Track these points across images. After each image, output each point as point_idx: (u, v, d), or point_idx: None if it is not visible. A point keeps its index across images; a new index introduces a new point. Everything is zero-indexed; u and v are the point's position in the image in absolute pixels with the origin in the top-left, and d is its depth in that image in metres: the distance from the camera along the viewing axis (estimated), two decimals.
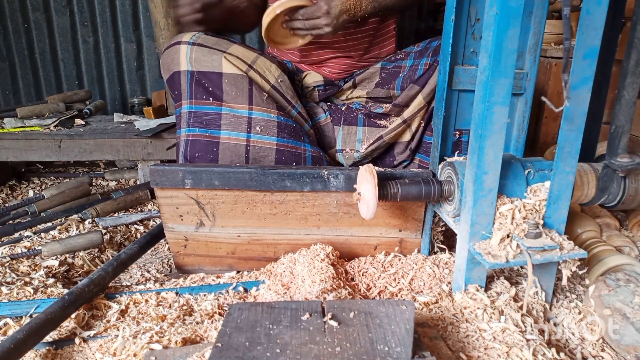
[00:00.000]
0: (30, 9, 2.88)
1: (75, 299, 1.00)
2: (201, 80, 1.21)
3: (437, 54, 1.27)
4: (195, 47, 1.22)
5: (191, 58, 1.22)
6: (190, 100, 1.21)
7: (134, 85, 3.09)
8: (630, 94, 1.02)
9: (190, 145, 1.21)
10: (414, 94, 1.32)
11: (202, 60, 1.22)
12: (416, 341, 0.77)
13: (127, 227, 1.58)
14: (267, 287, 1.11)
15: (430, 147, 1.32)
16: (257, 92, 1.24)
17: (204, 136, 1.21)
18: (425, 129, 1.34)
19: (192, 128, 1.21)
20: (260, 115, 1.23)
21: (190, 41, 1.22)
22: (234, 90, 1.22)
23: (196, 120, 1.21)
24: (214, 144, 1.20)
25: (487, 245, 0.93)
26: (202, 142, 1.20)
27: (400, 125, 1.34)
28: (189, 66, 1.21)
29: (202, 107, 1.21)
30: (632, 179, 1.10)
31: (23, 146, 1.87)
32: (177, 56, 1.22)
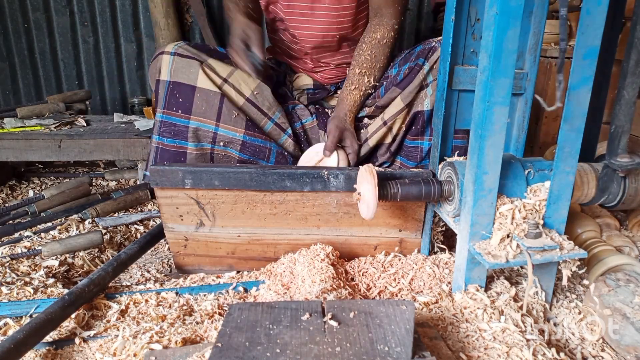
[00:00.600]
0: (30, 9, 2.88)
1: (75, 299, 1.00)
2: (174, 91, 1.26)
3: (419, 57, 1.29)
4: (176, 57, 1.27)
5: (171, 69, 1.27)
6: (163, 109, 1.27)
7: (134, 85, 3.09)
8: (630, 94, 1.02)
9: (160, 153, 1.28)
10: (394, 97, 1.35)
11: (179, 71, 1.27)
12: (416, 341, 0.77)
13: (127, 227, 1.58)
14: (267, 287, 1.11)
15: (411, 150, 1.35)
16: (227, 110, 1.29)
17: (173, 146, 1.28)
18: (407, 133, 1.37)
19: (162, 137, 1.27)
20: (225, 132, 1.29)
21: (172, 51, 1.28)
22: (204, 105, 1.27)
23: (165, 130, 1.27)
24: (182, 154, 1.28)
25: (487, 245, 0.93)
26: (171, 152, 1.28)
27: (381, 126, 1.37)
28: (168, 76, 1.27)
29: (171, 118, 1.27)
30: (632, 179, 1.09)
31: (23, 146, 1.87)
32: (159, 65, 1.28)
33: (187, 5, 2.92)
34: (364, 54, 1.39)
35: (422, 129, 1.32)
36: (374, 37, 1.39)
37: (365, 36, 1.41)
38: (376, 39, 1.39)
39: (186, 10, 2.94)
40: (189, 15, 2.95)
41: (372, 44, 1.39)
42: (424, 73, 1.27)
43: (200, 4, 2.84)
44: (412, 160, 1.36)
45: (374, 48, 1.39)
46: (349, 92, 1.39)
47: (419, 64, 1.28)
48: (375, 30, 1.40)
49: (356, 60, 1.40)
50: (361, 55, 1.40)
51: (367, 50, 1.39)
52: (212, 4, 2.96)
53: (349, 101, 1.39)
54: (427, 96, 1.29)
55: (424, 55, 1.28)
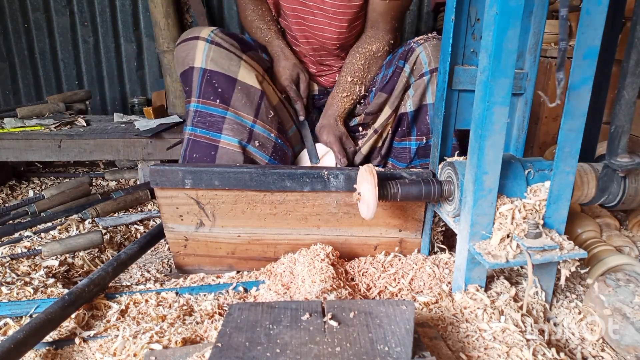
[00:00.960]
0: (30, 9, 2.88)
1: (75, 299, 1.00)
2: (212, 80, 1.20)
3: (399, 59, 1.29)
4: (213, 46, 1.21)
5: (208, 56, 1.20)
6: (198, 98, 1.21)
7: (134, 85, 3.09)
8: (630, 94, 1.02)
9: (191, 145, 1.21)
10: (382, 102, 1.36)
11: (219, 61, 1.20)
12: (416, 341, 0.77)
13: (127, 227, 1.58)
14: (267, 287, 1.11)
15: (400, 152, 1.36)
16: (265, 108, 1.25)
17: (205, 138, 1.21)
18: (394, 135, 1.38)
19: (195, 127, 1.21)
20: (261, 130, 1.25)
21: (209, 38, 1.21)
22: (244, 99, 1.22)
23: (200, 120, 1.21)
24: (213, 147, 1.21)
25: (487, 245, 0.93)
26: (202, 144, 1.21)
27: (372, 135, 1.39)
28: (203, 63, 1.20)
29: (208, 108, 1.21)
30: (632, 179, 1.10)
31: (23, 146, 1.87)
32: (193, 51, 1.21)
33: (187, 5, 2.92)
34: (357, 63, 1.40)
35: (408, 130, 1.32)
36: (369, 49, 1.39)
37: (360, 46, 1.41)
38: (371, 51, 1.39)
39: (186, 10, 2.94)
40: (189, 15, 2.95)
41: (366, 55, 1.39)
42: (406, 75, 1.27)
43: (200, 4, 2.84)
44: (402, 161, 1.36)
45: (367, 59, 1.39)
46: (340, 99, 1.40)
47: (399, 66, 1.29)
48: (370, 43, 1.40)
49: (348, 68, 1.41)
50: (354, 65, 1.40)
51: (360, 60, 1.39)
52: (212, 4, 2.96)
53: (339, 107, 1.40)
54: (409, 97, 1.29)
55: (404, 57, 1.28)
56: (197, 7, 2.84)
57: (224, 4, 2.97)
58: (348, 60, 1.42)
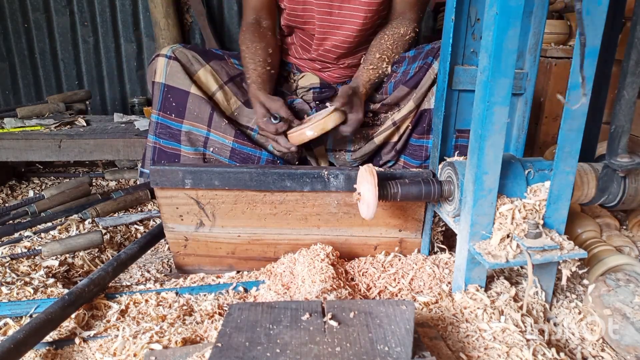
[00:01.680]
0: (30, 9, 2.88)
1: (75, 299, 1.00)
2: (168, 95, 1.31)
3: (428, 56, 1.29)
4: (171, 61, 1.32)
5: (166, 72, 1.31)
6: (159, 111, 1.32)
7: (134, 85, 3.09)
8: (630, 94, 1.02)
9: (158, 153, 1.33)
10: (402, 95, 1.35)
11: (174, 76, 1.31)
12: (416, 341, 0.77)
13: (127, 227, 1.58)
14: (267, 287, 1.11)
15: (416, 149, 1.34)
16: (218, 117, 1.32)
17: (169, 147, 1.32)
18: (412, 131, 1.36)
19: (158, 137, 1.32)
20: (216, 138, 1.33)
21: (167, 54, 1.32)
22: (196, 110, 1.31)
23: (161, 131, 1.32)
24: (176, 155, 1.32)
25: (487, 245, 0.93)
26: (167, 153, 1.32)
27: (390, 127, 1.37)
28: (163, 79, 1.31)
29: (166, 121, 1.32)
30: (632, 179, 1.09)
31: (23, 146, 1.87)
32: (155, 67, 1.32)
33: (187, 5, 2.92)
34: (386, 43, 1.42)
35: (428, 128, 1.31)
36: (397, 31, 1.42)
37: (387, 30, 1.43)
38: (399, 33, 1.42)
39: (186, 10, 2.94)
40: (189, 15, 2.95)
41: (395, 37, 1.42)
42: (435, 72, 1.27)
43: (200, 4, 2.84)
44: (416, 159, 1.35)
45: (396, 40, 1.42)
46: (366, 70, 1.41)
47: (427, 62, 1.28)
48: (398, 27, 1.43)
49: (377, 47, 1.42)
50: (382, 44, 1.42)
51: (389, 40, 1.42)
52: (212, 4, 2.96)
53: (365, 77, 1.40)
54: (433, 94, 1.29)
55: (434, 55, 1.28)
56: (197, 7, 2.84)
57: (224, 4, 2.97)
58: (375, 41, 1.44)
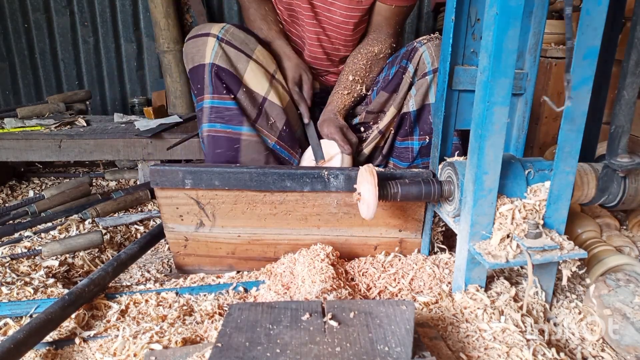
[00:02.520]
0: (30, 9, 2.88)
1: (75, 299, 1.00)
2: (221, 76, 1.19)
3: (403, 59, 1.29)
4: (223, 44, 1.20)
5: (217, 54, 1.20)
6: (212, 94, 1.20)
7: (134, 85, 3.09)
8: (630, 94, 1.02)
9: (212, 142, 1.19)
10: (384, 101, 1.36)
11: (227, 59, 1.21)
12: (416, 341, 0.77)
13: (127, 227, 1.58)
14: (267, 287, 1.11)
15: (402, 151, 1.36)
16: (265, 114, 1.27)
17: (226, 132, 1.19)
18: (396, 135, 1.37)
19: (213, 123, 1.20)
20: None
21: (219, 35, 1.20)
22: (246, 102, 1.25)
23: (218, 115, 1.19)
24: (236, 141, 1.19)
25: (487, 245, 0.93)
26: (223, 138, 1.19)
27: (377, 136, 1.39)
28: (212, 59, 1.19)
29: (224, 102, 1.19)
30: (632, 179, 1.09)
31: (23, 146, 1.87)
32: (203, 48, 1.20)
33: (187, 5, 2.92)
34: (359, 62, 1.40)
35: (410, 130, 1.32)
36: (371, 50, 1.40)
37: (362, 48, 1.42)
38: (373, 52, 1.40)
39: (186, 10, 2.95)
40: (189, 15, 2.95)
41: (368, 56, 1.40)
42: (410, 75, 1.27)
43: (200, 4, 2.84)
44: (404, 160, 1.36)
45: (369, 60, 1.40)
46: (340, 95, 1.40)
47: (402, 65, 1.29)
48: (372, 44, 1.40)
49: (350, 67, 1.41)
50: (356, 64, 1.40)
51: (362, 60, 1.40)
52: (212, 4, 2.96)
53: (339, 103, 1.40)
54: (412, 97, 1.29)
55: (407, 57, 1.28)
56: (197, 7, 2.85)
57: (224, 4, 2.97)
58: (350, 60, 1.42)
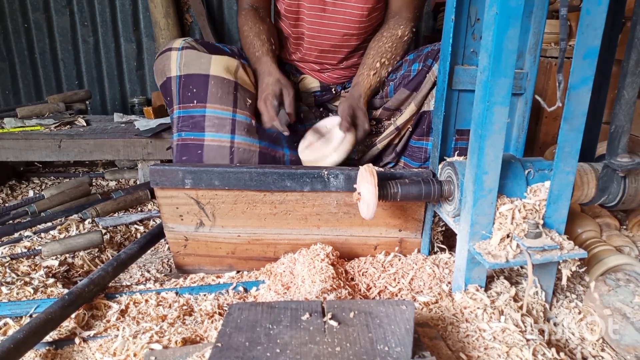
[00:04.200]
0: (30, 9, 2.88)
1: (75, 299, 1.00)
2: (187, 84, 1.23)
3: (428, 58, 1.28)
4: (184, 51, 1.24)
5: (180, 63, 1.24)
6: (179, 105, 1.24)
7: (134, 85, 3.09)
8: (630, 94, 1.02)
9: (180, 149, 1.22)
10: (404, 98, 1.34)
11: (190, 63, 1.23)
12: (416, 341, 0.77)
13: (127, 227, 1.58)
14: (267, 287, 1.11)
15: (415, 151, 1.35)
16: (241, 97, 1.26)
17: (191, 139, 1.22)
18: (412, 133, 1.36)
19: (180, 132, 1.23)
20: (243, 118, 1.25)
21: (180, 47, 1.25)
22: (219, 92, 1.23)
23: (184, 124, 1.23)
24: (199, 147, 1.21)
25: (487, 245, 0.93)
26: (189, 145, 1.22)
27: (393, 132, 1.37)
28: (177, 71, 1.24)
29: (188, 111, 1.23)
30: (632, 178, 1.10)
31: (23, 146, 1.87)
32: (167, 62, 1.25)
33: (187, 5, 2.92)
34: (385, 45, 1.39)
35: (427, 130, 1.31)
36: (395, 32, 1.39)
37: (385, 31, 1.41)
38: (397, 34, 1.39)
39: (186, 10, 2.95)
40: (189, 15, 2.95)
41: (393, 38, 1.39)
42: (435, 75, 1.26)
43: (200, 4, 2.84)
44: (416, 160, 1.35)
45: (394, 42, 1.39)
46: (367, 76, 1.38)
47: (427, 64, 1.27)
48: (395, 28, 1.40)
49: (376, 50, 1.40)
50: (381, 47, 1.39)
51: (387, 43, 1.39)
52: (212, 4, 2.96)
53: (365, 84, 1.38)
54: (433, 97, 1.28)
55: (433, 57, 1.27)
56: (197, 7, 2.84)
57: (224, 4, 2.97)
58: (374, 44, 1.41)
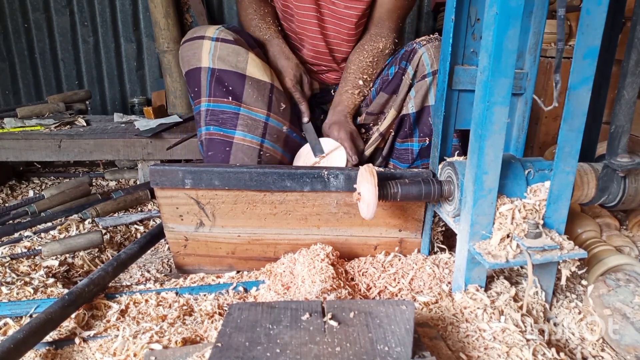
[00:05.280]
0: (30, 9, 2.88)
1: (75, 299, 1.00)
2: (221, 79, 1.19)
3: (402, 60, 1.28)
4: (219, 43, 1.20)
5: (214, 55, 1.20)
6: (209, 97, 1.20)
7: (134, 85, 3.09)
8: (630, 94, 1.02)
9: (207, 143, 1.20)
10: (383, 102, 1.35)
11: (226, 59, 1.20)
12: (416, 341, 0.77)
13: (127, 227, 1.58)
14: (267, 287, 1.11)
15: (402, 153, 1.35)
16: (276, 101, 1.25)
17: (219, 135, 1.20)
18: (396, 136, 1.36)
19: (208, 126, 1.20)
20: (275, 123, 1.25)
21: (214, 36, 1.20)
22: (255, 94, 1.22)
23: (213, 118, 1.20)
24: (227, 144, 1.20)
25: (487, 245, 0.93)
26: (216, 141, 1.20)
27: (378, 138, 1.38)
28: (210, 63, 1.19)
29: (220, 106, 1.20)
30: (632, 179, 1.10)
31: (23, 146, 1.87)
32: (199, 51, 1.20)
33: (187, 5, 2.92)
34: (366, 60, 1.39)
35: (410, 132, 1.31)
36: (376, 46, 1.39)
37: (366, 44, 1.41)
38: (378, 48, 1.39)
39: (186, 10, 2.94)
40: (189, 15, 2.95)
41: (374, 52, 1.39)
42: (410, 77, 1.26)
43: (200, 4, 2.84)
44: (404, 162, 1.36)
45: (375, 56, 1.39)
46: (349, 95, 1.39)
47: (401, 67, 1.27)
48: (376, 40, 1.40)
49: (357, 65, 1.40)
50: (362, 62, 1.39)
51: (368, 58, 1.39)
52: (212, 3, 2.96)
53: (348, 103, 1.38)
54: (411, 99, 1.28)
55: (407, 58, 1.27)
56: (197, 7, 2.84)
57: (224, 4, 2.97)
58: (355, 57, 1.41)
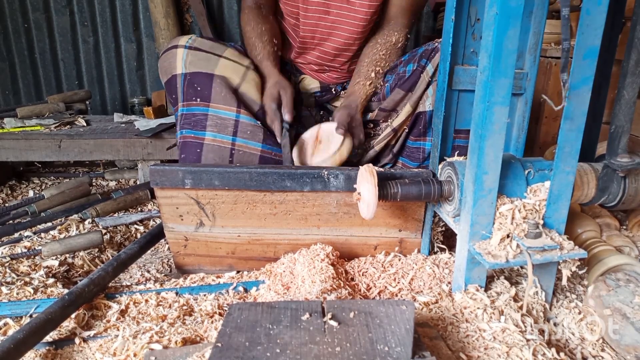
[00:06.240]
0: (30, 9, 2.88)
1: (75, 299, 1.00)
2: (192, 82, 1.23)
3: (422, 58, 1.29)
4: (191, 50, 1.24)
5: (186, 61, 1.24)
6: (183, 102, 1.24)
7: (134, 85, 3.09)
8: (630, 94, 1.02)
9: (181, 147, 1.23)
10: (399, 99, 1.35)
11: (196, 63, 1.24)
12: (416, 341, 0.77)
13: (127, 227, 1.58)
14: (267, 287, 1.11)
15: (413, 151, 1.35)
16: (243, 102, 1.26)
17: (191, 137, 1.22)
18: (409, 134, 1.36)
19: (182, 130, 1.24)
20: (247, 119, 1.25)
21: (186, 45, 1.25)
22: (224, 91, 1.23)
23: (186, 121, 1.23)
24: (199, 145, 1.21)
25: (487, 245, 0.93)
26: (189, 143, 1.22)
27: (390, 134, 1.37)
28: (183, 69, 1.23)
29: (191, 109, 1.23)
30: (632, 179, 1.09)
31: (23, 146, 1.87)
32: (173, 60, 1.24)
33: (187, 5, 2.92)
34: (379, 53, 1.40)
35: (424, 130, 1.31)
36: (389, 39, 1.40)
37: (379, 37, 1.42)
38: (391, 42, 1.40)
39: (186, 10, 2.95)
40: (189, 15, 2.95)
41: (387, 45, 1.40)
42: (429, 75, 1.26)
43: (200, 4, 2.84)
44: (414, 161, 1.36)
45: (388, 50, 1.40)
46: (362, 86, 1.39)
47: (421, 64, 1.28)
48: (389, 34, 1.41)
49: (370, 58, 1.40)
50: (375, 54, 1.40)
51: (381, 50, 1.40)
52: (212, 3, 2.96)
53: (361, 94, 1.39)
54: (428, 97, 1.28)
55: (427, 56, 1.27)
56: (197, 7, 2.84)
57: (224, 4, 2.97)
58: (368, 50, 1.42)
